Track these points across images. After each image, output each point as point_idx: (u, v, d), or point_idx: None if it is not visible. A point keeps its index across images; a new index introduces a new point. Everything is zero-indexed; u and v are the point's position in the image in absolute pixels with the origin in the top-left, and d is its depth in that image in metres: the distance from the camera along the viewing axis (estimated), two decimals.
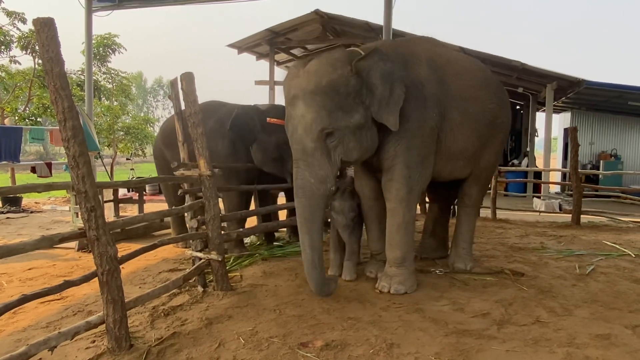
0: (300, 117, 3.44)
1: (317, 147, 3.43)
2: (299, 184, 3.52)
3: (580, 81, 10.32)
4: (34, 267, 4.70)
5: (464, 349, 2.75)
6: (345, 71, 3.44)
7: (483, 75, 4.28)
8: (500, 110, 4.26)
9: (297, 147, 3.51)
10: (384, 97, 3.52)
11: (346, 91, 3.43)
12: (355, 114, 3.47)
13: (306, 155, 3.47)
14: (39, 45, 2.46)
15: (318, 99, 3.39)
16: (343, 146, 3.49)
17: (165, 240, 3.70)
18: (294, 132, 3.50)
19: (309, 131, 3.41)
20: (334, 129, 3.42)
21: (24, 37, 13.15)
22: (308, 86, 3.42)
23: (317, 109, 3.39)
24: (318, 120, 3.39)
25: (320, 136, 3.41)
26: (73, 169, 2.51)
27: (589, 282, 4.13)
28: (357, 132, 3.51)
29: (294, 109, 3.50)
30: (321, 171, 3.47)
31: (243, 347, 2.78)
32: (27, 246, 2.42)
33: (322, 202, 3.56)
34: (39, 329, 3.13)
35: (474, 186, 4.43)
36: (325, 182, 3.49)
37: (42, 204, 9.69)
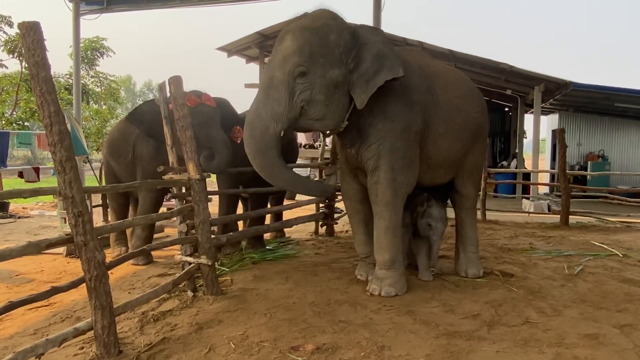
0: (283, 49, 3.39)
1: (285, 81, 3.33)
2: (249, 119, 3.41)
3: (567, 83, 10.43)
4: (21, 273, 4.65)
5: (455, 351, 2.76)
6: (344, 26, 3.47)
7: (467, 86, 4.33)
8: (481, 117, 4.33)
9: (265, 78, 3.46)
10: (367, 73, 3.48)
11: (336, 42, 3.41)
12: (335, 68, 3.41)
13: (270, 87, 3.38)
14: (24, 49, 2.43)
15: (306, 35, 3.37)
16: (310, 93, 3.38)
17: (153, 245, 3.69)
18: (270, 63, 3.44)
19: (284, 61, 3.35)
20: (308, 69, 3.34)
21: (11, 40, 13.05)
22: (303, 23, 3.43)
23: (301, 44, 3.35)
24: (298, 52, 3.33)
25: (292, 71, 3.33)
26: (60, 174, 2.49)
27: (578, 283, 4.17)
28: (329, 88, 3.41)
29: (280, 43, 3.45)
30: (278, 107, 3.35)
31: (233, 351, 2.77)
32: (13, 252, 2.38)
33: (273, 145, 3.40)
34: (27, 336, 3.09)
35: (469, 187, 4.42)
36: (278, 121, 3.36)
37: (30, 209, 9.58)
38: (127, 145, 5.06)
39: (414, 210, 4.17)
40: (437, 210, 4.12)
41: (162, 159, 4.83)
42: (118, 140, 5.23)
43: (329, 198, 6.44)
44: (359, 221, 4.21)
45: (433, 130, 3.91)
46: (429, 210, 4.12)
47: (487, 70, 10.96)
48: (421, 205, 4.14)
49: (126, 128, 5.11)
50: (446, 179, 4.32)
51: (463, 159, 4.27)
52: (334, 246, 5.83)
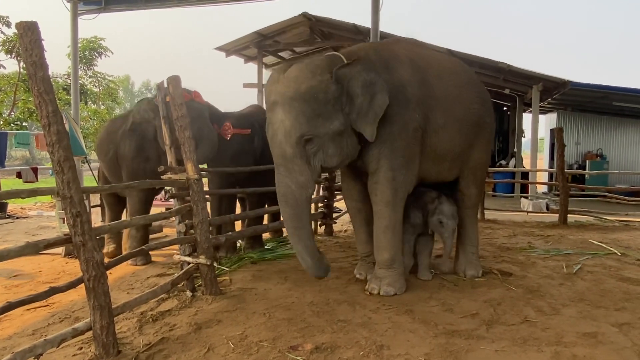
0: (279, 122, 3.47)
1: (296, 153, 3.46)
2: (281, 192, 3.57)
3: (565, 82, 10.44)
4: (20, 273, 4.64)
5: (454, 350, 2.77)
6: (325, 78, 3.45)
7: (465, 75, 4.28)
8: (484, 110, 4.28)
9: (277, 152, 3.54)
10: (363, 107, 3.53)
11: (325, 98, 3.44)
12: (334, 121, 3.49)
13: (286, 160, 3.50)
14: (22, 49, 2.43)
15: (296, 105, 3.40)
16: (323, 152, 3.52)
17: (152, 245, 3.68)
18: (274, 137, 3.53)
19: (287, 137, 3.44)
20: (313, 135, 3.44)
21: (9, 40, 13.02)
22: (287, 92, 3.43)
23: (295, 115, 3.40)
24: (297, 126, 3.41)
25: (299, 142, 3.44)
26: (58, 174, 2.48)
27: (576, 281, 4.17)
28: (336, 139, 3.53)
29: (273, 115, 3.53)
30: (301, 177, 3.50)
31: (232, 351, 2.77)
32: (11, 253, 2.38)
33: (307, 207, 3.60)
34: (25, 336, 3.08)
35: (472, 186, 4.39)
36: (306, 188, 3.54)
37: (28, 209, 9.56)
38: (110, 143, 5.12)
39: (425, 208, 4.15)
40: (448, 207, 4.11)
41: (144, 156, 4.90)
42: (104, 138, 5.31)
43: (328, 198, 6.44)
44: (361, 221, 4.22)
45: (433, 122, 3.89)
46: (440, 207, 4.10)
47: (486, 69, 10.96)
48: (432, 202, 4.12)
49: (111, 126, 5.24)
50: (451, 175, 4.28)
51: (467, 155, 4.23)
52: (332, 246, 5.83)
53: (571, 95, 11.72)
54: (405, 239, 4.13)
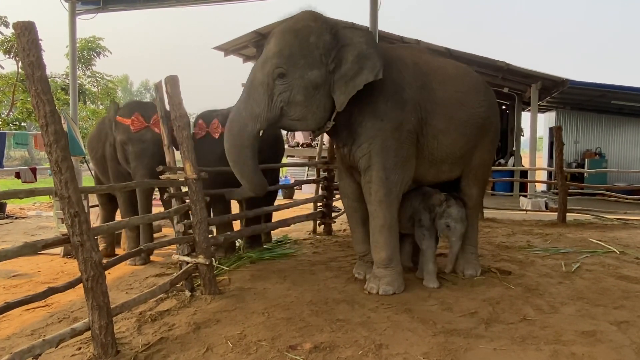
0: (266, 51, 3.51)
1: (264, 82, 3.43)
2: (230, 117, 3.57)
3: (564, 81, 10.45)
4: (18, 273, 4.63)
5: (452, 349, 2.77)
6: (326, 27, 3.49)
7: (470, 80, 4.25)
8: (489, 112, 4.25)
9: (248, 78, 3.55)
10: (347, 75, 3.51)
11: (316, 43, 3.44)
12: (314, 69, 3.45)
13: (251, 87, 3.50)
14: (19, 49, 2.43)
15: (287, 37, 3.45)
16: (289, 94, 3.45)
17: (150, 245, 3.68)
18: (254, 66, 3.56)
19: (265, 63, 3.46)
20: (287, 71, 3.41)
21: (7, 40, 13.00)
22: (285, 25, 3.52)
23: (281, 46, 3.44)
24: (277, 54, 3.42)
25: (272, 72, 3.42)
26: (56, 174, 2.48)
27: (575, 280, 4.18)
28: (309, 89, 3.47)
29: (265, 47, 3.57)
30: (257, 107, 3.46)
31: (231, 351, 2.77)
32: (9, 253, 2.37)
33: (249, 142, 3.51)
34: (24, 336, 3.08)
35: (474, 186, 4.36)
36: (255, 120, 3.47)
37: (27, 209, 9.55)
38: (99, 142, 5.15)
39: (432, 210, 4.06)
40: (456, 210, 3.98)
41: (98, 157, 4.98)
42: (94, 137, 5.35)
43: (327, 197, 6.44)
44: (357, 220, 4.22)
45: (432, 126, 3.88)
46: (448, 211, 3.98)
47: (484, 68, 10.96)
48: (439, 205, 4.01)
49: (101, 126, 5.25)
50: (452, 175, 4.25)
51: (470, 156, 4.20)
52: (331, 245, 5.83)
53: (570, 93, 11.73)
54: (428, 245, 4.04)
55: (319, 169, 6.72)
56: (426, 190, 4.19)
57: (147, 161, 4.41)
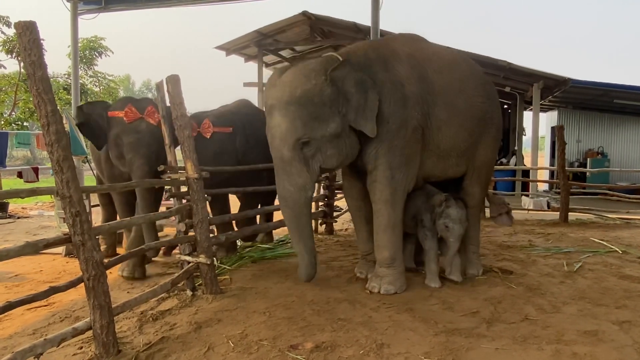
0: (276, 126, 3.53)
1: (294, 156, 3.51)
2: (281, 194, 3.67)
3: (566, 80, 10.42)
4: (20, 273, 4.64)
5: (454, 348, 2.76)
6: (320, 81, 3.48)
7: (468, 67, 4.21)
8: (489, 105, 4.20)
9: (276, 155, 3.61)
10: (360, 104, 3.56)
11: (321, 100, 3.47)
12: (331, 123, 3.52)
13: (284, 164, 3.56)
14: (21, 49, 2.43)
15: (292, 109, 3.45)
16: (321, 154, 3.57)
17: (152, 245, 3.68)
18: (273, 142, 3.60)
19: (284, 141, 3.50)
20: (310, 138, 3.49)
21: (9, 40, 13.03)
22: (283, 96, 3.49)
23: (291, 119, 3.45)
24: (292, 130, 3.46)
25: (296, 145, 3.48)
26: (57, 174, 2.48)
27: (577, 279, 4.17)
28: (334, 140, 3.56)
29: (271, 119, 3.59)
30: (300, 179, 3.56)
31: (232, 350, 2.77)
32: (11, 252, 2.38)
33: (306, 209, 3.69)
34: (25, 336, 3.08)
35: (476, 185, 4.34)
36: (305, 190, 3.60)
37: (29, 209, 9.56)
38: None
39: (433, 210, 3.99)
40: (455, 211, 3.90)
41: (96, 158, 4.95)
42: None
43: (328, 196, 6.44)
44: (361, 219, 4.22)
45: (435, 117, 3.86)
46: (447, 211, 3.91)
47: (486, 67, 10.88)
48: (439, 205, 3.94)
49: None
50: (458, 172, 4.23)
51: (473, 151, 4.18)
52: (333, 244, 5.82)
53: (572, 93, 11.70)
54: (430, 245, 4.00)
55: None
56: (429, 189, 4.17)
57: (143, 151, 4.29)
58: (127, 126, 4.28)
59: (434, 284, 3.93)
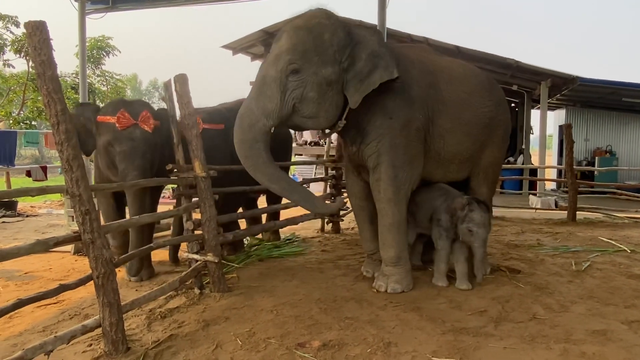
0: (277, 47, 3.43)
1: (277, 78, 3.36)
2: (240, 113, 3.45)
3: (574, 78, 10.36)
4: (29, 271, 4.68)
5: (462, 347, 2.76)
6: (339, 25, 3.47)
7: (476, 80, 4.23)
8: (497, 111, 4.22)
9: (258, 75, 3.47)
10: (361, 73, 3.49)
11: (330, 40, 3.41)
12: (328, 67, 3.41)
13: (263, 84, 3.40)
14: (30, 48, 2.45)
15: (300, 34, 3.39)
16: (302, 91, 3.39)
17: (160, 243, 3.71)
18: (264, 63, 3.48)
19: (278, 59, 3.37)
20: (301, 67, 3.36)
21: (18, 40, 13.14)
22: (297, 22, 3.46)
23: (295, 42, 3.38)
24: (291, 50, 3.36)
25: (285, 68, 3.35)
26: (67, 172, 2.50)
27: (585, 279, 4.15)
28: (322, 86, 3.42)
29: (276, 43, 3.48)
30: (269, 104, 3.37)
31: (240, 348, 2.78)
32: (21, 250, 2.40)
33: (261, 138, 3.41)
34: (35, 333, 3.11)
35: (483, 185, 4.33)
36: (268, 117, 3.38)
37: (38, 207, 9.64)
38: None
39: (455, 213, 3.86)
40: (479, 215, 3.74)
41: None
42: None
43: (335, 195, 6.43)
44: (365, 218, 4.21)
45: (438, 126, 3.87)
46: (470, 215, 3.74)
47: (493, 65, 10.89)
48: (462, 209, 3.78)
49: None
50: (461, 175, 4.23)
51: (479, 155, 4.19)
52: (339, 243, 5.83)
53: (580, 91, 11.63)
54: (442, 245, 3.93)
55: (327, 167, 6.72)
56: (448, 190, 4.07)
57: (138, 162, 3.95)
58: (119, 133, 3.95)
59: (441, 282, 3.92)
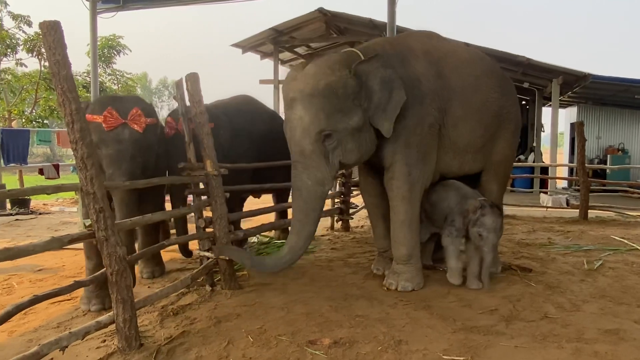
0: (298, 119, 3.45)
1: (315, 150, 3.43)
2: (297, 186, 3.54)
3: (586, 75, 10.26)
4: (43, 268, 4.75)
5: (472, 345, 2.76)
6: (344, 73, 3.45)
7: (484, 64, 4.20)
8: (506, 100, 4.19)
9: (295, 149, 3.52)
10: (382, 103, 3.53)
11: (345, 93, 3.43)
12: (354, 116, 3.47)
13: (304, 157, 3.47)
14: (45, 48, 2.48)
15: (316, 101, 3.39)
16: (341, 148, 3.50)
17: (172, 240, 3.73)
18: (292, 135, 3.51)
19: (306, 133, 3.42)
20: (332, 130, 3.43)
21: (30, 39, 13.29)
22: (306, 88, 3.43)
23: (315, 111, 3.39)
24: (316, 122, 3.39)
25: (318, 138, 3.42)
26: (81, 171, 2.53)
27: (597, 278, 4.12)
28: (355, 134, 3.51)
29: (292, 112, 3.50)
30: (319, 173, 3.48)
31: (252, 345, 2.80)
32: (37, 247, 2.44)
33: (318, 205, 3.56)
34: (50, 329, 3.16)
35: (494, 182, 4.32)
36: (323, 185, 3.52)
37: (50, 205, 9.75)
38: None
39: (467, 216, 3.80)
40: (490, 220, 3.68)
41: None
42: None
43: (344, 193, 6.44)
44: (378, 216, 4.22)
45: (451, 114, 3.86)
46: (482, 220, 3.70)
47: (504, 63, 10.78)
48: (474, 212, 3.74)
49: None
50: (475, 167, 4.21)
51: (490, 148, 4.17)
52: (349, 241, 5.84)
53: (592, 88, 11.51)
54: (450, 242, 3.90)
55: None
56: (465, 192, 4.00)
57: (126, 166, 3.63)
58: (105, 134, 3.58)
59: (453, 280, 3.90)
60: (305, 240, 3.53)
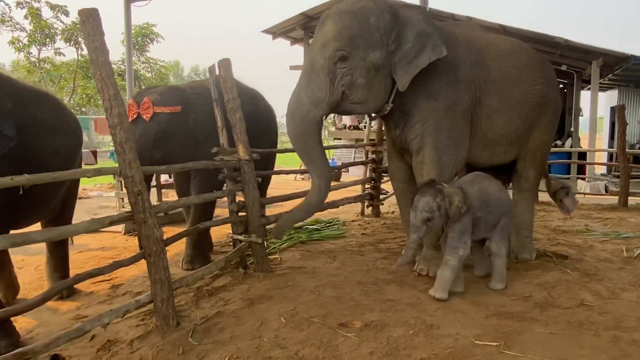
0: (323, 33, 3.39)
1: (325, 66, 3.33)
2: (290, 107, 3.47)
3: (628, 57, 9.83)
4: (84, 249, 4.93)
5: (506, 332, 2.73)
6: (385, 7, 3.41)
7: (525, 56, 4.07)
8: (547, 89, 4.07)
9: (306, 63, 3.47)
10: (409, 54, 3.42)
11: (376, 24, 3.36)
12: (376, 51, 3.37)
13: (311, 72, 3.39)
14: (84, 35, 2.55)
15: (346, 18, 3.34)
16: (351, 77, 3.37)
17: (207, 224, 3.81)
18: (312, 48, 3.46)
19: (325, 46, 3.35)
20: (349, 53, 3.32)
21: (67, 29, 13.64)
22: (342, 6, 3.41)
23: (341, 28, 3.33)
24: (338, 37, 3.32)
25: (333, 55, 3.32)
26: (120, 155, 2.61)
27: (637, 265, 4.00)
28: (370, 72, 3.39)
29: (321, 28, 3.45)
30: (318, 92, 3.36)
31: (284, 326, 2.85)
32: (79, 228, 2.55)
33: (314, 128, 3.45)
34: (91, 307, 3.30)
35: (530, 168, 4.21)
36: (318, 106, 3.39)
37: (89, 190, 10.08)
38: None
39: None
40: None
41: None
42: None
43: (375, 179, 6.42)
44: (407, 202, 4.17)
45: (486, 106, 3.78)
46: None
47: (541, 45, 10.44)
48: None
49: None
50: (507, 158, 4.11)
51: (527, 136, 4.06)
52: (380, 227, 5.83)
53: (634, 70, 11.01)
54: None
55: (367, 151, 6.70)
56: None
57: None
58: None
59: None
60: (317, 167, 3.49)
